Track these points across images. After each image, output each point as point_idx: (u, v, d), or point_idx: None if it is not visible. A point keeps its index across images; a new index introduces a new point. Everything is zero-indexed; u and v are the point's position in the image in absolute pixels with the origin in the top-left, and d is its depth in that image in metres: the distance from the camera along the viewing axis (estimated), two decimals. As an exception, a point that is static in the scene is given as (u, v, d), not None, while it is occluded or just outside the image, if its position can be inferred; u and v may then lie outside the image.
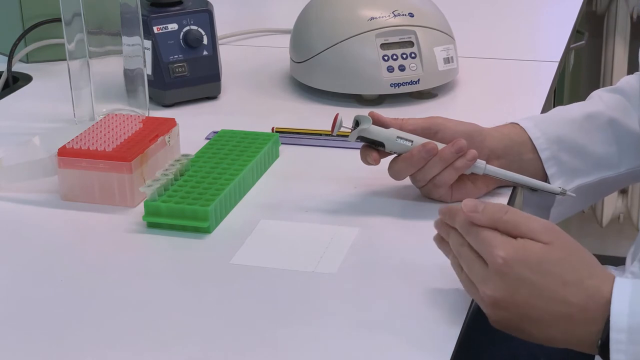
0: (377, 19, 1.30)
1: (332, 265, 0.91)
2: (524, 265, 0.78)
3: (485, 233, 0.80)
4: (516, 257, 0.78)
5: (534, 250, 0.79)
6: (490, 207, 0.81)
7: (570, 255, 0.80)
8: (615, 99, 1.11)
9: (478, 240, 0.80)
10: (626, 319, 0.77)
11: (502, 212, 0.80)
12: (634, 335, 0.76)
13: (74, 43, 1.20)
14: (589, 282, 0.79)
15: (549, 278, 0.78)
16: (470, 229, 0.81)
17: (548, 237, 0.79)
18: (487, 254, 0.79)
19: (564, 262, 0.79)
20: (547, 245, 0.79)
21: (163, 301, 0.86)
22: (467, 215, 0.81)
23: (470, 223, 0.81)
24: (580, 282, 0.78)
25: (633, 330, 0.76)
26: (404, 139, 1.00)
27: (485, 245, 0.80)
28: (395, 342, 0.79)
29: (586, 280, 0.79)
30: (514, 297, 0.79)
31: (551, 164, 1.05)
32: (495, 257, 0.79)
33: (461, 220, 0.82)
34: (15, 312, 0.85)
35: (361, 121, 1.00)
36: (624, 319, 0.77)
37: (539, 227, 0.80)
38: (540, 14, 1.76)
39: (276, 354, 0.78)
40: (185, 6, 1.31)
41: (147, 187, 0.99)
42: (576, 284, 0.78)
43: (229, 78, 1.38)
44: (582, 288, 0.78)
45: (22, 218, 1.02)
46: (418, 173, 1.00)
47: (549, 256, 0.79)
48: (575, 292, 0.78)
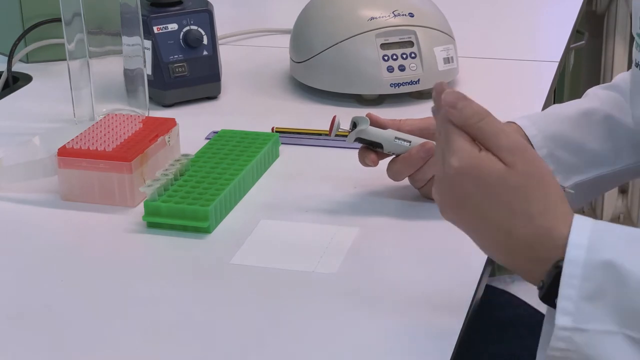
0: (377, 19, 1.30)
1: (332, 265, 0.91)
2: (474, 182, 0.73)
3: (451, 135, 0.75)
4: (469, 171, 0.73)
5: (491, 170, 0.73)
6: (468, 109, 0.75)
7: (528, 184, 0.73)
8: (611, 96, 1.11)
9: (445, 138, 0.76)
10: (583, 253, 0.71)
11: (478, 118, 0.75)
12: (589, 271, 0.70)
13: (74, 43, 1.20)
14: (539, 220, 0.73)
15: (497, 204, 0.73)
16: (443, 124, 0.76)
17: (512, 158, 0.73)
18: (445, 157, 0.75)
19: (518, 190, 0.73)
20: (507, 167, 0.73)
21: (163, 301, 0.86)
22: (444, 108, 0.76)
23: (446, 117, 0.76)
24: (530, 217, 0.73)
25: (588, 266, 0.71)
26: (402, 140, 1.00)
27: (447, 147, 0.75)
28: (395, 342, 0.79)
29: (537, 217, 0.73)
30: (459, 211, 0.75)
31: (548, 162, 1.05)
32: (449, 165, 0.74)
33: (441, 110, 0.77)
34: (16, 312, 0.85)
35: (359, 122, 1.00)
36: (582, 253, 0.71)
37: (507, 144, 0.74)
38: (540, 14, 1.76)
39: (276, 354, 0.78)
40: (185, 6, 1.31)
41: (147, 187, 0.99)
42: (524, 217, 0.73)
43: (229, 78, 1.38)
44: (531, 224, 0.73)
45: (22, 218, 1.02)
46: (417, 173, 1.00)
47: (504, 180, 0.73)
48: (522, 225, 0.73)
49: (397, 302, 0.85)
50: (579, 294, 0.71)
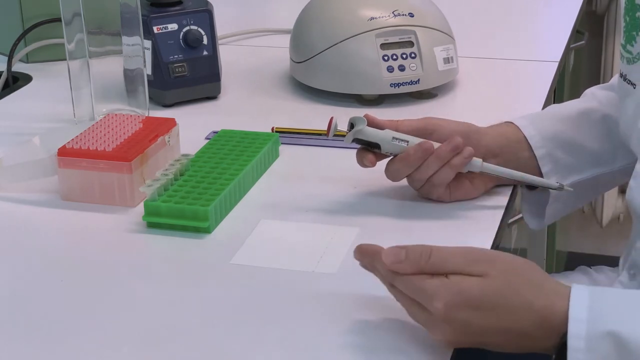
0: (377, 19, 1.30)
1: (332, 265, 0.91)
2: (465, 309, 0.75)
3: (416, 282, 0.77)
4: (455, 302, 0.75)
5: (471, 288, 0.75)
6: (412, 254, 0.77)
7: (509, 281, 0.76)
8: (609, 96, 1.12)
9: (410, 290, 0.77)
10: (585, 326, 0.74)
11: (426, 257, 0.77)
12: (592, 342, 0.73)
13: (74, 43, 1.20)
14: (537, 303, 0.75)
15: (495, 311, 0.75)
16: (398, 279, 0.78)
17: (479, 268, 0.76)
18: (427, 304, 0.76)
19: (504, 290, 0.76)
20: (481, 278, 0.76)
21: (163, 301, 0.86)
22: (391, 268, 0.78)
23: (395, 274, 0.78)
24: (528, 306, 0.75)
25: (591, 338, 0.74)
26: (399, 140, 1.00)
27: (420, 295, 0.77)
28: (395, 343, 0.79)
29: (534, 302, 0.75)
30: (466, 337, 0.77)
31: (546, 162, 1.06)
32: (435, 308, 0.75)
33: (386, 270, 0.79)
34: (16, 312, 0.85)
35: (356, 123, 1.00)
36: (583, 326, 0.74)
37: (466, 261, 0.76)
38: (540, 14, 1.76)
39: (276, 354, 0.78)
40: (185, 6, 1.31)
41: (147, 187, 0.99)
42: (524, 308, 0.75)
43: (229, 78, 1.38)
44: (531, 311, 0.75)
45: (22, 218, 1.02)
46: (415, 173, 1.00)
47: (486, 290, 0.75)
48: (525, 316, 0.75)
49: (397, 302, 0.85)
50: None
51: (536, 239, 2.04)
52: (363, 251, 0.81)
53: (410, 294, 0.78)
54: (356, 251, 0.81)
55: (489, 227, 0.98)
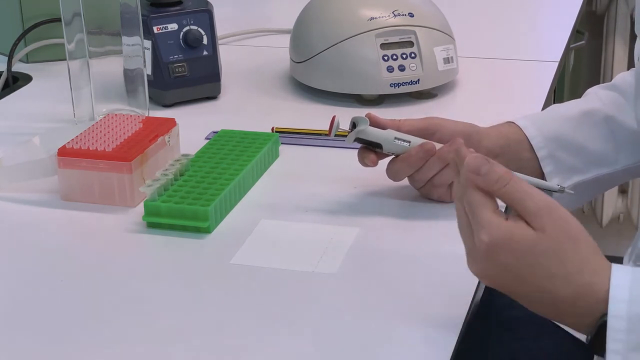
0: (377, 19, 1.30)
1: (332, 265, 0.91)
2: (508, 253, 0.74)
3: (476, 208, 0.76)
4: (501, 243, 0.74)
5: (522, 238, 0.74)
6: (492, 174, 0.76)
7: (560, 247, 0.75)
8: (611, 96, 1.11)
9: (471, 210, 0.76)
10: (626, 307, 0.73)
11: (503, 183, 0.75)
12: (633, 323, 0.73)
13: (74, 43, 1.20)
14: (578, 278, 0.75)
15: (535, 269, 0.75)
16: (467, 192, 0.77)
17: (541, 222, 0.75)
18: (476, 232, 0.76)
19: (552, 253, 0.75)
20: (537, 232, 0.75)
21: (163, 301, 0.86)
22: (467, 175, 0.76)
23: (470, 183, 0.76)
24: (568, 277, 0.75)
25: (632, 319, 0.73)
26: (401, 140, 1.00)
27: (474, 220, 0.76)
28: (395, 343, 0.79)
29: (575, 276, 0.75)
30: (499, 280, 0.76)
31: (547, 162, 1.05)
32: (480, 240, 0.75)
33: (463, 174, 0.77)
34: (16, 312, 0.85)
35: (358, 122, 1.00)
36: (624, 306, 0.73)
37: (534, 208, 0.75)
38: (540, 14, 1.76)
39: (276, 354, 0.78)
40: (185, 6, 1.31)
41: (147, 187, 0.99)
42: (564, 278, 0.75)
43: (229, 78, 1.38)
44: (570, 283, 0.75)
45: (22, 218, 1.02)
46: (417, 173, 1.00)
47: (536, 246, 0.74)
48: (562, 285, 0.75)
49: (397, 302, 0.85)
50: (626, 347, 0.73)
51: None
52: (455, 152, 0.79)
53: (469, 213, 0.77)
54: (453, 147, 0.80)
55: (489, 227, 0.98)
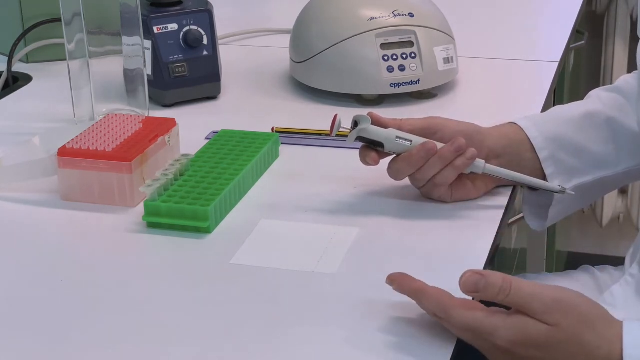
0: (377, 19, 1.30)
1: (332, 265, 0.91)
2: (529, 346, 0.76)
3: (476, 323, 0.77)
4: (519, 340, 0.76)
5: (537, 334, 0.76)
6: (490, 289, 0.77)
7: (576, 333, 0.77)
8: (613, 98, 1.11)
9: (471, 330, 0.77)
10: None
11: (504, 294, 0.77)
12: None
13: (74, 43, 1.20)
14: (598, 352, 0.77)
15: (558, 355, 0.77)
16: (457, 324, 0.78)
17: (553, 318, 0.76)
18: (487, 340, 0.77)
19: (569, 342, 0.77)
20: (551, 328, 0.76)
21: (163, 301, 0.86)
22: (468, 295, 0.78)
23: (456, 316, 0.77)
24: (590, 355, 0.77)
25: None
26: (403, 139, 1.00)
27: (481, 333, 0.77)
28: (394, 343, 0.79)
29: (595, 351, 0.77)
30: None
31: (549, 164, 1.05)
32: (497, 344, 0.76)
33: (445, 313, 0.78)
34: (15, 312, 0.85)
35: (360, 121, 1.00)
36: None
37: (542, 309, 0.77)
38: (540, 14, 1.76)
39: (276, 354, 0.78)
40: (185, 6, 1.31)
41: (147, 187, 0.99)
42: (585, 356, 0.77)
43: (229, 78, 1.38)
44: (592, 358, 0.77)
45: (22, 218, 1.02)
46: (418, 173, 1.00)
47: (552, 340, 0.76)
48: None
49: (397, 302, 0.85)
50: None
51: (536, 239, 2.04)
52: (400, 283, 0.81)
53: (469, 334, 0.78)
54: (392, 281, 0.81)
55: (489, 227, 0.98)
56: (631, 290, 1.04)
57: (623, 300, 1.03)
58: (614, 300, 1.03)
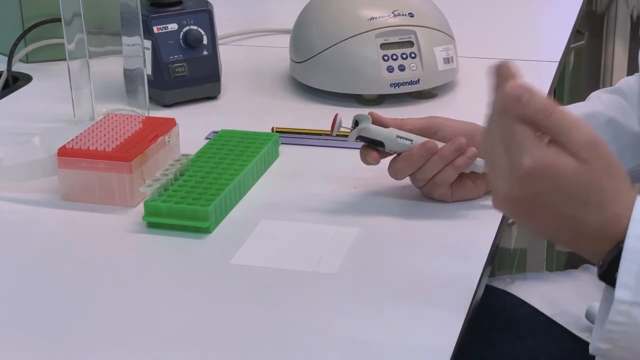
0: (377, 19, 1.30)
1: (332, 265, 0.91)
2: (549, 181, 0.72)
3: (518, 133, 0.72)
4: (543, 171, 0.72)
5: (565, 168, 0.72)
6: (535, 103, 0.72)
7: (601, 178, 0.74)
8: (614, 100, 1.12)
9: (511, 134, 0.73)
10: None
11: (547, 114, 0.72)
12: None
13: (74, 43, 1.20)
14: (610, 209, 0.74)
15: (572, 198, 0.73)
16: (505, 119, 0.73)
17: (585, 154, 0.72)
18: (514, 156, 0.73)
19: (592, 184, 0.73)
20: (582, 164, 0.73)
21: (163, 301, 0.86)
22: (507, 101, 0.73)
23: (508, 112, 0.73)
24: (602, 206, 0.73)
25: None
26: (403, 138, 1.00)
27: (514, 145, 0.73)
28: (395, 343, 0.79)
29: (608, 206, 0.74)
30: (529, 205, 0.74)
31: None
32: (521, 164, 0.72)
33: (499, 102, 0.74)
34: (15, 312, 0.85)
35: (360, 120, 1.00)
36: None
37: (578, 140, 0.72)
38: (540, 14, 1.76)
39: (276, 354, 0.78)
40: (185, 6, 1.31)
41: (147, 187, 0.99)
42: (597, 206, 0.73)
43: (229, 78, 1.38)
44: (602, 212, 0.74)
45: (22, 218, 1.02)
46: (418, 172, 1.00)
47: (579, 178, 0.73)
48: (594, 213, 0.73)
49: (397, 302, 0.85)
50: (639, 269, 0.72)
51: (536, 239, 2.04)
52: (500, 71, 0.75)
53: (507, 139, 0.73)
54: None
55: (490, 226, 0.98)
56: None
57: None
58: None
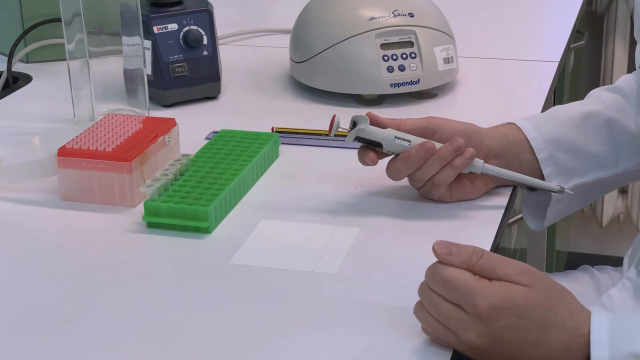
0: (377, 19, 1.30)
1: (332, 265, 0.91)
2: (508, 312, 0.76)
3: (461, 279, 0.76)
4: (500, 304, 0.76)
5: (517, 295, 0.76)
6: (464, 250, 0.78)
7: (551, 297, 0.78)
8: (613, 98, 1.11)
9: (453, 287, 0.77)
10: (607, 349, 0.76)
11: (478, 257, 0.77)
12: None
13: (74, 43, 1.20)
14: (570, 323, 0.77)
15: (533, 322, 0.77)
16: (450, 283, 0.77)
17: (527, 279, 0.77)
18: (467, 302, 0.76)
19: (545, 305, 0.77)
20: (528, 288, 0.77)
21: (163, 301, 0.86)
22: (441, 257, 0.78)
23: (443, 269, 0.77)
24: (562, 324, 0.77)
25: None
26: (401, 139, 1.00)
27: (464, 293, 0.76)
28: (395, 343, 0.79)
29: (567, 321, 0.78)
30: (498, 342, 0.77)
31: (548, 164, 1.05)
32: (479, 306, 0.76)
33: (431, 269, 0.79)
34: (15, 312, 0.85)
35: (358, 121, 1.00)
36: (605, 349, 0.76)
37: (516, 270, 0.78)
38: (540, 14, 1.76)
39: (276, 354, 0.78)
40: (185, 6, 1.31)
41: (147, 187, 0.99)
42: (558, 326, 0.77)
43: (229, 78, 1.38)
44: (564, 329, 0.77)
45: (22, 218, 1.02)
46: (416, 173, 1.00)
47: (531, 300, 0.77)
48: (558, 334, 0.77)
49: (397, 302, 0.85)
50: None
51: (536, 239, 2.04)
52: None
53: (453, 292, 0.77)
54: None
55: (489, 227, 0.98)
56: (629, 293, 1.04)
57: (620, 303, 1.03)
58: (612, 303, 1.03)
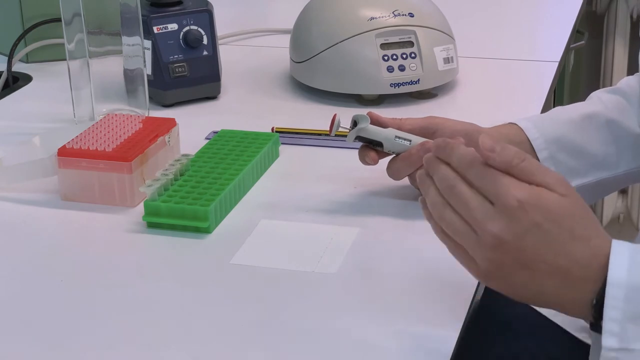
0: (377, 19, 1.30)
1: (332, 265, 0.91)
2: (539, 211, 0.74)
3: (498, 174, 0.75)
4: (533, 201, 0.74)
5: (550, 199, 0.75)
6: (507, 151, 0.75)
7: (582, 211, 0.76)
8: (614, 100, 1.11)
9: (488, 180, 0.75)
10: (625, 274, 0.73)
11: (519, 159, 0.76)
12: (631, 293, 0.73)
13: (74, 43, 1.20)
14: (595, 241, 0.75)
15: (561, 229, 0.75)
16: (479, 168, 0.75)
17: (564, 189, 0.75)
18: (499, 194, 0.74)
19: (576, 216, 0.75)
20: (563, 197, 0.75)
21: (163, 301, 0.86)
22: (483, 154, 0.76)
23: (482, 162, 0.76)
24: (588, 239, 0.75)
25: (631, 288, 0.73)
26: (402, 139, 1.00)
27: (498, 185, 0.74)
28: (395, 343, 0.79)
29: (593, 239, 0.75)
30: (521, 242, 0.75)
31: (548, 164, 1.05)
32: (510, 198, 0.74)
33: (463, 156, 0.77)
34: (15, 312, 0.85)
35: (359, 121, 1.00)
36: (623, 274, 0.73)
37: (554, 178, 0.76)
38: (540, 14, 1.76)
39: (276, 354, 0.78)
40: (185, 6, 1.31)
41: (147, 187, 0.99)
42: (584, 240, 0.75)
43: (229, 78, 1.38)
44: (589, 245, 0.75)
45: (22, 218, 1.02)
46: (417, 172, 1.00)
47: (563, 209, 0.75)
48: (582, 248, 0.75)
49: (397, 302, 0.85)
50: (623, 316, 0.73)
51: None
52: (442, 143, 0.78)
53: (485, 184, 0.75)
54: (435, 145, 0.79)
55: (489, 227, 0.98)
56: None
57: None
58: None
